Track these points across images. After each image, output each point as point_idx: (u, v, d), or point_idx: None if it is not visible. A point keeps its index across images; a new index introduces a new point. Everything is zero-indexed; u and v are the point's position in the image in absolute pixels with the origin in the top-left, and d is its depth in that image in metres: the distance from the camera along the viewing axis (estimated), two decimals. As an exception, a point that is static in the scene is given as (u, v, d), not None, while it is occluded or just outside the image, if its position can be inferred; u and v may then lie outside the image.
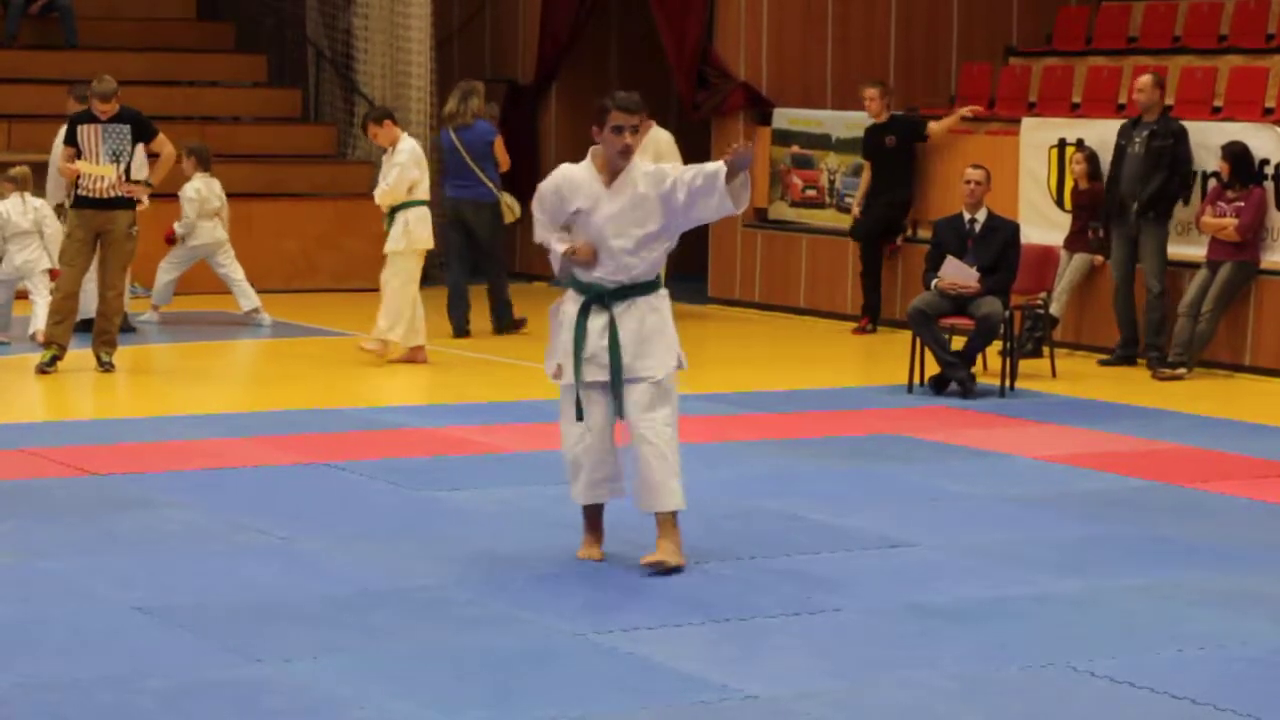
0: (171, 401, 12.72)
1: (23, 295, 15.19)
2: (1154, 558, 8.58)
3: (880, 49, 18.58)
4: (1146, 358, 14.44)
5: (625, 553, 8.31)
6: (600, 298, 8.11)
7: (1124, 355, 14.63)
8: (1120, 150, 14.58)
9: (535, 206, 8.27)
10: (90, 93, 13.42)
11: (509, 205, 15.66)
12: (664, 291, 8.25)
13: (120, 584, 7.78)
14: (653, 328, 8.13)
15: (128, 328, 15.47)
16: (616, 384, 8.08)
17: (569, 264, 8.14)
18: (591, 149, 8.26)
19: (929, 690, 6.57)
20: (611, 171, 8.15)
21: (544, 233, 8.23)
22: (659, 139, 16.31)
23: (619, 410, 8.13)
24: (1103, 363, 14.48)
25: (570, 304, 8.18)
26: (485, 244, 15.69)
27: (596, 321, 8.10)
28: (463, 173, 15.60)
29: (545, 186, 8.24)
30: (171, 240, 16.16)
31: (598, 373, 8.09)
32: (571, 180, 8.17)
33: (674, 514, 8.14)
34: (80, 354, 13.67)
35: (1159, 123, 14.46)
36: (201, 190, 16.09)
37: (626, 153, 8.08)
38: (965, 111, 16.61)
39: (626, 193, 8.12)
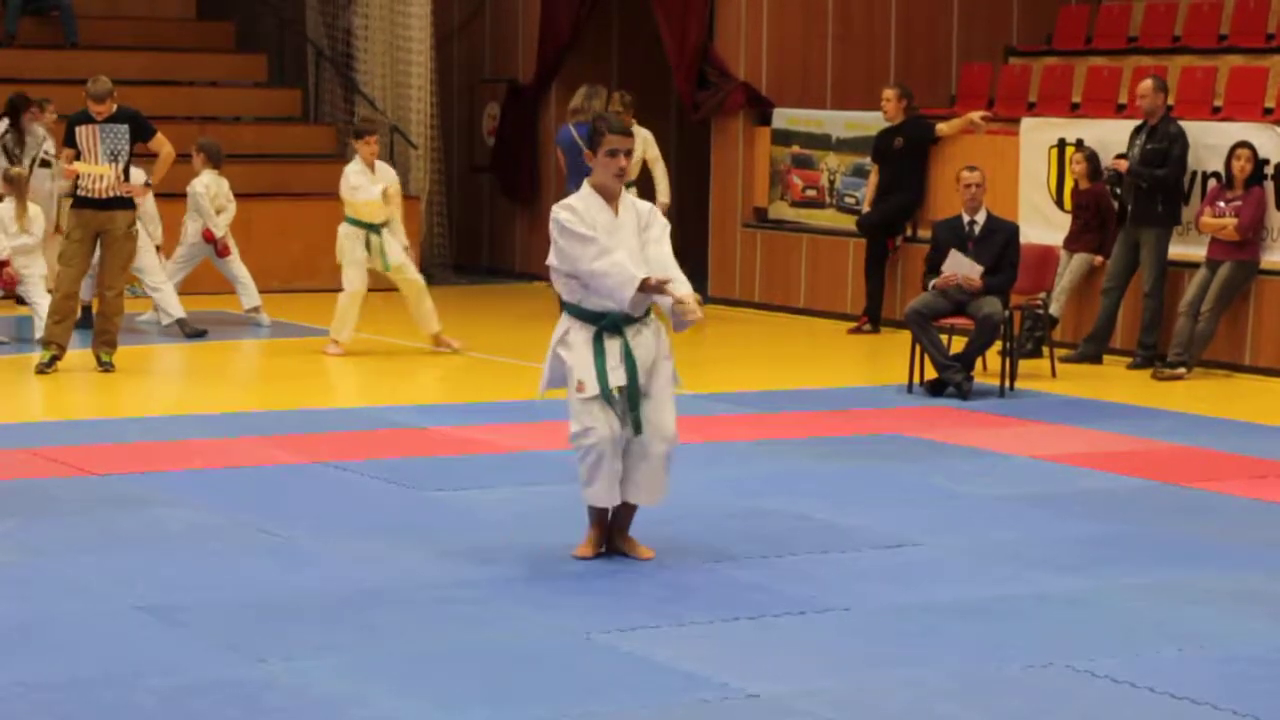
0: (171, 401, 12.72)
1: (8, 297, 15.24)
2: (1154, 558, 8.58)
3: (880, 49, 18.59)
4: (1134, 355, 14.47)
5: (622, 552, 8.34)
6: (614, 325, 8.15)
7: (1086, 353, 14.63)
8: (1124, 154, 14.61)
9: (570, 227, 8.05)
10: (86, 93, 13.43)
11: None
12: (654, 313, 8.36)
13: (121, 583, 7.78)
14: (662, 352, 8.24)
15: (197, 332, 15.42)
16: (634, 404, 8.15)
17: (644, 301, 8.10)
18: (586, 182, 8.26)
19: (929, 690, 6.57)
20: (609, 197, 8.19)
21: (586, 252, 8.03)
22: (644, 135, 16.41)
23: (635, 427, 8.18)
24: (1064, 359, 14.45)
25: (581, 332, 8.17)
26: None
27: (612, 345, 8.15)
28: (585, 167, 15.79)
29: (571, 207, 8.14)
30: (223, 249, 16.12)
31: (620, 378, 8.13)
32: (583, 212, 8.14)
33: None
34: (80, 354, 13.68)
35: (1158, 126, 14.47)
36: (211, 187, 16.09)
37: (622, 175, 8.19)
38: (976, 117, 16.58)
39: (630, 220, 8.19)
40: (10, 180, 14.90)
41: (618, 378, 8.11)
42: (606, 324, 8.15)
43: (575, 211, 8.12)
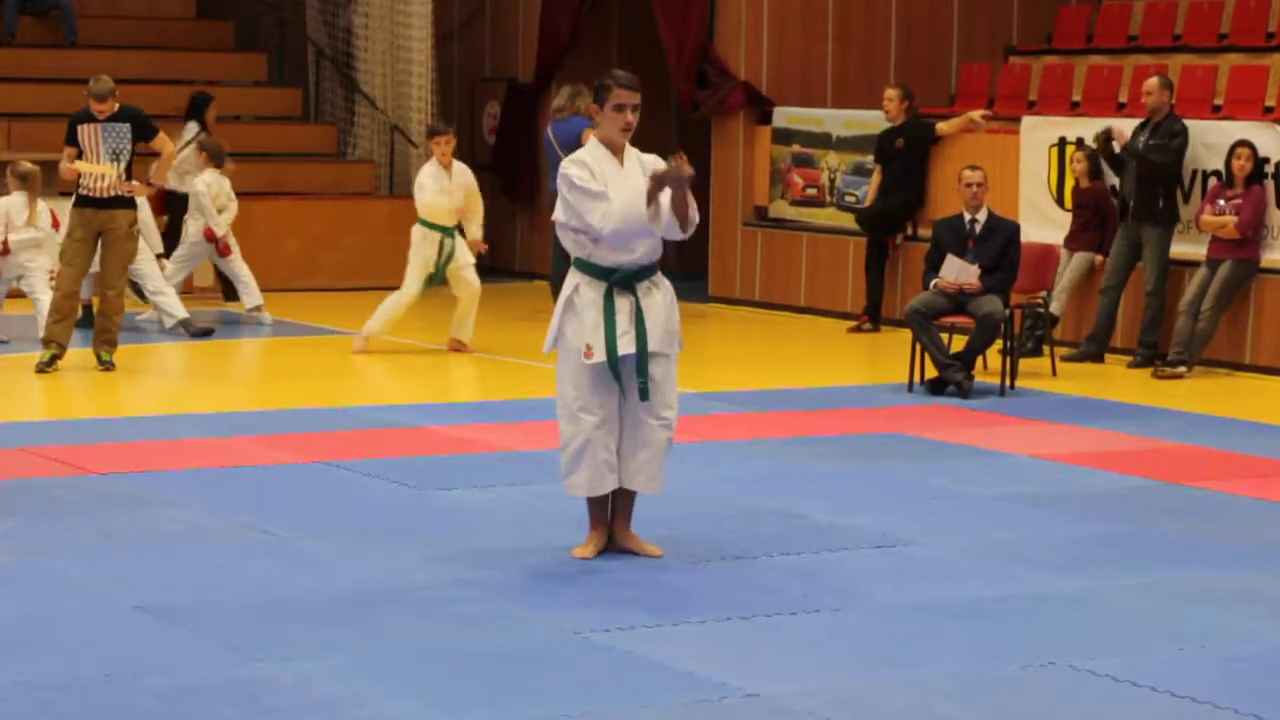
0: (172, 401, 12.72)
1: (15, 295, 15.21)
2: (1154, 557, 8.58)
3: (881, 48, 18.59)
4: (1134, 354, 14.47)
5: (622, 549, 8.34)
6: (625, 281, 8.10)
7: (1087, 352, 14.62)
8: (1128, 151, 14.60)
9: (581, 184, 8.01)
10: (87, 92, 13.43)
11: None
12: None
13: (120, 583, 7.78)
14: (672, 314, 8.22)
15: (202, 331, 15.41)
16: (642, 366, 8.09)
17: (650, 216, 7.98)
18: (591, 136, 8.27)
19: (929, 690, 6.57)
20: (615, 150, 8.16)
21: (596, 208, 7.97)
22: None
23: (641, 392, 8.12)
24: (1065, 358, 14.44)
25: (589, 290, 8.12)
26: None
27: (623, 303, 8.09)
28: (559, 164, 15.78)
29: (578, 160, 8.11)
30: (224, 248, 16.11)
31: (629, 345, 8.07)
32: (589, 164, 8.11)
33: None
34: (80, 353, 13.67)
35: (1162, 124, 14.46)
36: (212, 186, 16.09)
37: (628, 130, 8.15)
38: (977, 116, 16.58)
39: (636, 171, 8.15)
40: (22, 176, 14.90)
41: (626, 344, 8.06)
42: (617, 279, 8.09)
43: (586, 166, 8.09)
